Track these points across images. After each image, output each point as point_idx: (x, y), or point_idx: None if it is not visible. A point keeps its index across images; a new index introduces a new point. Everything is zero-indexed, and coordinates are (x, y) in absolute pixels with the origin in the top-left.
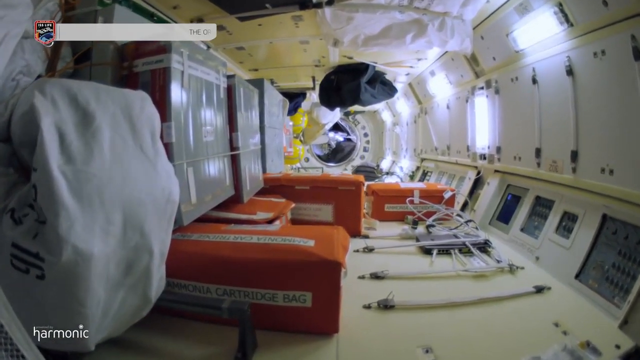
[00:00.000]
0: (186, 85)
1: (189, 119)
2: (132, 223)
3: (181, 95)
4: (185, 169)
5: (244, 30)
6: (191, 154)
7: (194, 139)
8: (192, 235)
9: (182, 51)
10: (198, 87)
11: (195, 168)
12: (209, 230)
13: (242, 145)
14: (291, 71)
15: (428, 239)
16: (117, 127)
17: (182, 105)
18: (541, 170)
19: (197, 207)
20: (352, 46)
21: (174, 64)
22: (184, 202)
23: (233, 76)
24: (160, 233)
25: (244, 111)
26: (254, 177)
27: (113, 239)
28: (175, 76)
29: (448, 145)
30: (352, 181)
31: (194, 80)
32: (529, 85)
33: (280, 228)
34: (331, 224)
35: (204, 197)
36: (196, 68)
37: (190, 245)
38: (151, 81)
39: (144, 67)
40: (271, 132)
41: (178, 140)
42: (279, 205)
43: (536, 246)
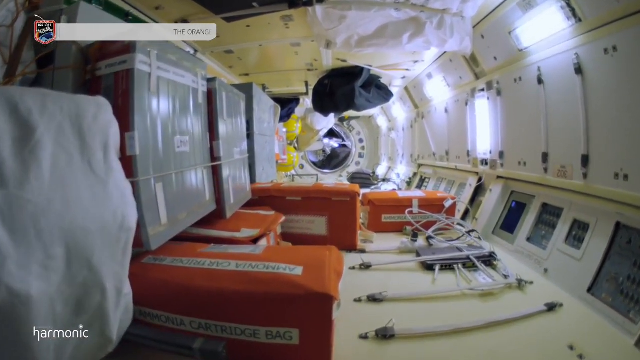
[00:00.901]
0: (154, 89)
1: (158, 128)
2: (78, 256)
3: (147, 100)
4: (152, 185)
5: (231, 32)
6: (160, 167)
7: (164, 149)
8: (165, 259)
9: (149, 51)
10: (170, 91)
11: (166, 183)
12: (184, 253)
13: (224, 155)
14: (283, 76)
15: (429, 253)
16: (62, 141)
17: (148, 112)
18: (549, 176)
19: (169, 227)
20: (345, 47)
21: (139, 65)
22: (152, 223)
23: (214, 79)
24: (113, 266)
25: (227, 117)
26: (239, 188)
27: (56, 275)
28: (140, 79)
29: (447, 150)
30: (346, 191)
31: (164, 83)
32: (534, 86)
33: (264, 250)
34: (325, 238)
35: (177, 215)
36: (167, 70)
37: (161, 271)
38: (114, 85)
39: (107, 70)
40: (261, 139)
41: (144, 153)
42: (267, 219)
43: (544, 257)
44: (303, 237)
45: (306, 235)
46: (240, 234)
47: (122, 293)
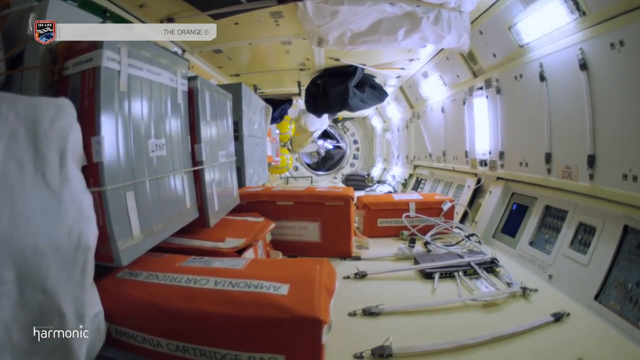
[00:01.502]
0: (124, 89)
1: (129, 131)
2: (30, 279)
3: (117, 101)
4: (122, 195)
5: (219, 30)
6: (132, 174)
7: (136, 154)
8: (140, 274)
9: (119, 47)
10: (143, 90)
11: (139, 191)
12: (161, 267)
13: (207, 159)
14: (275, 76)
15: (428, 260)
16: (14, 149)
17: (118, 114)
18: (552, 177)
19: (143, 240)
20: (338, 45)
21: (106, 62)
22: (123, 236)
23: (195, 77)
24: (71, 289)
25: (210, 119)
26: (225, 194)
27: (8, 301)
28: (108, 77)
29: (444, 151)
30: (340, 196)
31: (137, 82)
32: (536, 83)
33: (248, 265)
34: (318, 245)
35: (152, 226)
36: (140, 67)
37: (135, 287)
38: (80, 85)
39: (74, 69)
40: (251, 141)
41: (112, 159)
42: (255, 226)
43: (548, 262)
44: (295, 244)
45: (298, 242)
46: (225, 244)
47: (85, 317)
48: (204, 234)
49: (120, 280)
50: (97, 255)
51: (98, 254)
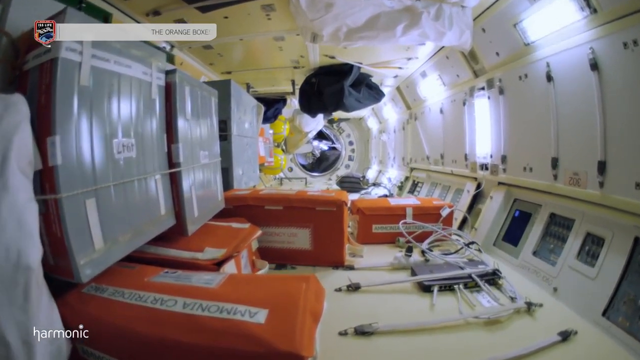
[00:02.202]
0: (85, 83)
1: (92, 129)
2: None
3: (76, 96)
4: (82, 203)
5: None
6: (93, 179)
7: (99, 157)
8: (107, 289)
9: None
10: (109, 84)
11: (101, 198)
12: (128, 282)
13: (186, 160)
14: (268, 74)
15: (426, 271)
16: None
17: (77, 111)
18: (558, 183)
19: (107, 252)
20: (333, 41)
21: (65, 52)
22: (82, 250)
23: (174, 71)
24: (14, 314)
25: (192, 116)
26: (207, 198)
27: None
28: (66, 70)
29: (442, 153)
30: (333, 200)
31: (102, 75)
32: (542, 83)
33: (224, 282)
34: (309, 253)
35: (118, 237)
36: (107, 59)
37: (99, 306)
38: (38, 80)
39: (33, 62)
40: (241, 141)
41: (68, 161)
42: (239, 234)
43: (553, 274)
44: (284, 252)
45: (288, 249)
46: (203, 254)
47: (32, 344)
48: (183, 242)
49: (85, 296)
50: (57, 269)
51: (58, 268)
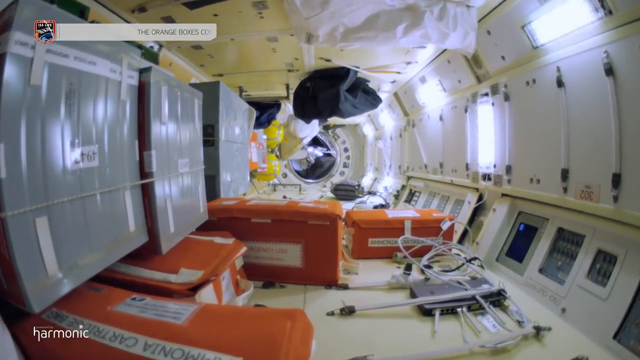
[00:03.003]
0: (37, 81)
1: (44, 136)
2: None
3: (25, 97)
4: (31, 222)
5: (196, 22)
6: (44, 194)
7: (53, 167)
8: (66, 318)
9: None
10: (69, 84)
11: (55, 216)
12: (90, 310)
13: (161, 169)
14: (262, 77)
15: (426, 292)
16: None
17: (26, 114)
18: (569, 197)
19: (63, 278)
20: (329, 41)
21: (15, 47)
22: (33, 275)
23: (149, 69)
24: None
25: (169, 120)
26: (187, 210)
27: None
28: (15, 67)
29: (441, 162)
30: (326, 214)
31: (59, 73)
32: (552, 89)
33: (194, 317)
34: (299, 271)
35: (77, 259)
36: (66, 54)
37: (54, 339)
38: None
39: None
40: (229, 147)
41: (14, 174)
42: (222, 251)
43: (562, 294)
44: (273, 270)
45: (277, 266)
46: (177, 277)
47: None
48: (157, 261)
49: (44, 323)
50: (10, 294)
51: (10, 294)
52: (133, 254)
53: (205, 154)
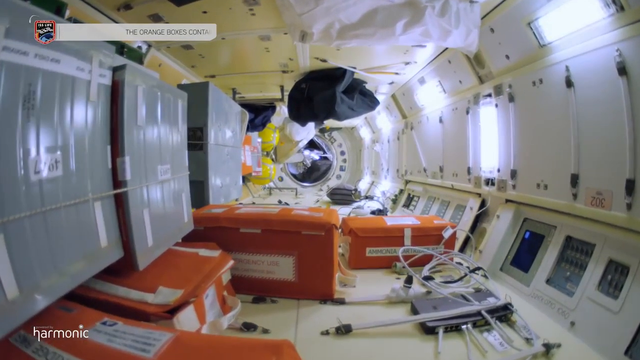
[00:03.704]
0: None
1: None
2: None
3: None
4: None
5: (185, 20)
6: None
7: (8, 178)
8: (33, 343)
9: None
10: (27, 84)
11: (12, 234)
12: (55, 339)
13: (137, 177)
14: (255, 79)
15: (428, 307)
16: None
17: None
18: (578, 203)
19: (25, 303)
20: (324, 39)
21: None
22: None
23: (123, 67)
24: None
25: (147, 123)
26: (168, 221)
27: None
28: None
29: (441, 166)
30: (321, 223)
31: (16, 72)
32: (561, 89)
33: (167, 349)
34: (292, 284)
35: (39, 281)
36: (25, 51)
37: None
38: None
39: None
40: (220, 150)
41: None
42: (206, 265)
43: (571, 307)
44: (264, 283)
45: (268, 280)
46: (154, 297)
47: None
48: (134, 277)
49: (11, 347)
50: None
51: None
52: (110, 268)
53: (193, 158)
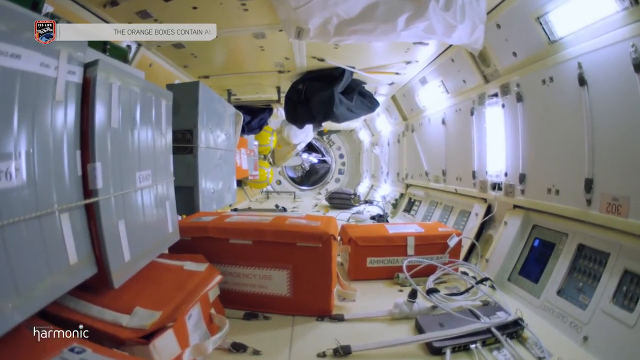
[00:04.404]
0: None
1: None
2: None
3: None
4: None
5: (174, 17)
6: None
7: None
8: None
9: None
10: None
11: None
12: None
13: (110, 185)
14: (251, 79)
15: (434, 324)
16: None
17: None
18: (593, 210)
19: None
20: (321, 36)
21: None
22: None
23: (95, 62)
24: None
25: (124, 125)
26: (149, 232)
27: None
28: None
29: (444, 169)
30: (317, 234)
31: None
32: (573, 88)
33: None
34: (287, 300)
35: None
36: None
37: None
38: None
39: None
40: (210, 154)
41: None
42: (190, 281)
43: (584, 320)
44: (256, 298)
45: (260, 295)
46: (130, 319)
47: None
48: (111, 295)
49: None
50: None
51: None
52: (86, 284)
53: (182, 162)
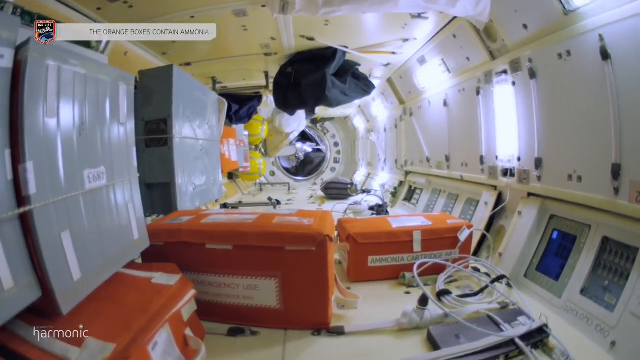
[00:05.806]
0: None
1: None
2: None
3: None
4: None
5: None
6: None
7: None
8: None
9: None
10: None
11: None
12: None
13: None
14: (236, 65)
15: (449, 336)
16: None
17: None
18: (620, 199)
19: None
20: (308, 8)
21: None
22: None
23: (27, 42)
24: None
25: (63, 115)
26: (105, 242)
27: None
28: None
29: (447, 155)
30: (310, 235)
31: None
32: (594, 62)
33: None
34: (277, 313)
35: None
36: None
37: None
38: None
39: None
40: (189, 145)
41: None
42: (157, 298)
43: (611, 324)
44: (241, 311)
45: (246, 307)
46: (80, 354)
47: None
48: (62, 321)
49: None
50: None
51: None
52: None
53: (156, 156)
